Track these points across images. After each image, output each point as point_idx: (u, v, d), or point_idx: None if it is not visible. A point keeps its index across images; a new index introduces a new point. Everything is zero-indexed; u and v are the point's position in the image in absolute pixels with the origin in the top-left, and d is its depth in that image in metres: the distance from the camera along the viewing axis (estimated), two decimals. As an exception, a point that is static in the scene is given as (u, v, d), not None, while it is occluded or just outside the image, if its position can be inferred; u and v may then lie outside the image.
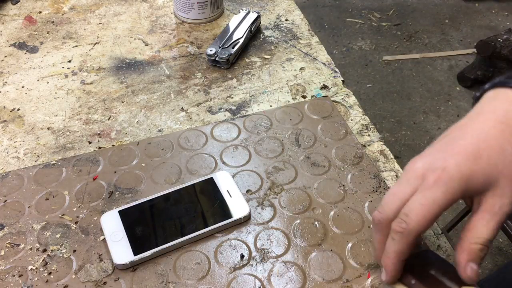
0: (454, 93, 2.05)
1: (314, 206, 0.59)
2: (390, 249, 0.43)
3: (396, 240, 0.42)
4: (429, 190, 0.41)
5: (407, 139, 1.86)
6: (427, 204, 0.40)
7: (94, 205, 0.59)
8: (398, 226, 0.42)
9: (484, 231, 0.40)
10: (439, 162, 0.41)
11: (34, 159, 0.64)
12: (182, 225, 0.55)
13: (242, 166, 0.63)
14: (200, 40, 0.83)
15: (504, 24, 2.39)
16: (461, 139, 0.42)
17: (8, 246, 0.54)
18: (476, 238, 0.40)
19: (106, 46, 0.82)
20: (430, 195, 0.40)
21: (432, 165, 0.42)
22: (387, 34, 2.36)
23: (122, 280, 0.52)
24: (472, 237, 0.41)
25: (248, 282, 0.52)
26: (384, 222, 0.43)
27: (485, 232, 0.40)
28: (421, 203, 0.41)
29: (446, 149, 0.42)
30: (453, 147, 0.42)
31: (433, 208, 0.40)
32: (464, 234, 0.41)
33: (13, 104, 0.72)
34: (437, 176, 0.41)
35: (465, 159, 0.41)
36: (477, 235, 0.40)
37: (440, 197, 0.40)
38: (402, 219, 0.41)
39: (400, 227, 0.41)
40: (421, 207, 0.41)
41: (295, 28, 0.86)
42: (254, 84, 0.75)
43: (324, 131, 0.68)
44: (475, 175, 0.40)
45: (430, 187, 0.41)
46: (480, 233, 0.40)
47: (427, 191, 0.41)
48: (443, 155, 0.42)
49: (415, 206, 0.41)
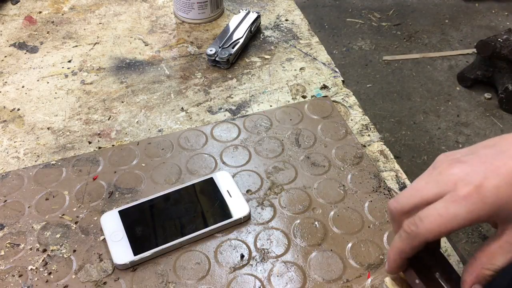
0: (454, 93, 2.05)
1: (314, 206, 0.59)
2: (395, 243, 0.42)
3: (401, 238, 0.41)
4: (454, 203, 0.38)
5: (407, 139, 1.86)
6: (446, 217, 0.38)
7: (94, 205, 0.59)
8: (408, 226, 0.40)
9: (501, 261, 0.39)
10: (478, 177, 0.38)
11: (34, 159, 0.64)
12: (182, 225, 0.55)
13: (242, 166, 0.63)
14: (200, 40, 0.83)
15: (504, 24, 2.39)
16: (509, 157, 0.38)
17: (8, 246, 0.54)
18: (490, 265, 0.39)
19: (106, 46, 0.82)
20: (454, 209, 0.38)
21: (469, 176, 0.38)
22: (387, 34, 2.36)
23: (122, 280, 0.52)
24: (486, 263, 0.39)
25: (248, 282, 0.52)
26: (396, 214, 0.42)
27: (501, 262, 0.39)
28: (440, 214, 0.38)
29: (491, 163, 0.38)
30: (498, 164, 0.38)
31: (451, 223, 0.38)
32: (479, 256, 0.40)
33: (13, 104, 0.72)
34: (469, 191, 0.37)
35: (508, 183, 0.37)
36: (492, 262, 0.39)
37: (463, 215, 0.37)
38: (415, 221, 0.40)
39: (409, 228, 0.40)
40: (439, 218, 0.38)
41: (295, 28, 0.86)
42: (254, 84, 0.75)
43: (324, 131, 0.68)
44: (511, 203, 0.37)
45: (457, 200, 0.38)
46: (496, 261, 0.39)
47: (452, 204, 0.38)
48: (484, 169, 0.38)
49: (432, 214, 0.39)
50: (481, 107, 1.99)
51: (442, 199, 0.39)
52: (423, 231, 0.39)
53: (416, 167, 1.74)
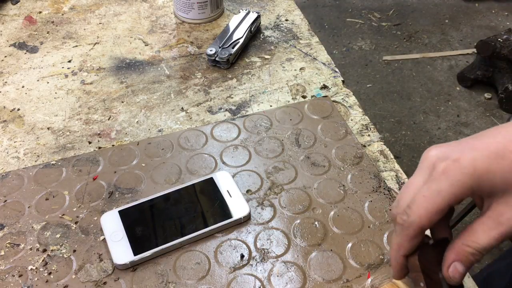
0: (454, 93, 2.05)
1: (314, 206, 0.59)
2: (393, 241, 0.41)
3: (397, 233, 0.40)
4: (435, 181, 0.38)
5: (407, 139, 1.86)
6: (429, 196, 0.37)
7: (94, 205, 0.59)
8: (399, 218, 0.40)
9: (482, 238, 0.37)
10: (454, 153, 0.38)
11: (34, 159, 0.64)
12: (182, 225, 0.55)
13: (242, 166, 0.63)
14: (200, 40, 0.83)
15: (504, 24, 2.39)
16: (488, 137, 0.38)
17: (8, 246, 0.54)
18: (471, 242, 0.38)
19: (106, 46, 0.82)
20: (435, 186, 0.37)
21: (445, 154, 0.38)
22: (387, 34, 2.36)
23: (122, 280, 0.52)
24: (467, 239, 0.38)
25: (248, 282, 0.52)
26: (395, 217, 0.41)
27: (483, 239, 0.37)
28: (424, 195, 0.38)
29: (468, 142, 0.39)
30: (475, 142, 0.38)
31: (437, 200, 0.37)
32: (462, 233, 0.39)
33: (13, 104, 0.72)
34: (446, 166, 0.37)
35: (485, 156, 0.37)
36: (473, 239, 0.38)
37: (446, 189, 0.37)
38: (405, 211, 0.39)
39: (401, 219, 0.39)
40: (423, 199, 0.38)
41: (295, 28, 0.86)
42: (254, 84, 0.75)
43: (324, 131, 0.68)
44: (491, 175, 0.36)
45: (437, 177, 0.38)
46: (477, 239, 0.38)
47: (433, 182, 0.38)
48: (461, 147, 0.38)
49: (418, 198, 0.38)
50: (481, 107, 1.99)
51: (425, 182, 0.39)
52: (414, 217, 0.38)
53: (416, 167, 1.74)
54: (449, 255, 0.39)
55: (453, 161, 0.37)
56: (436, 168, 0.38)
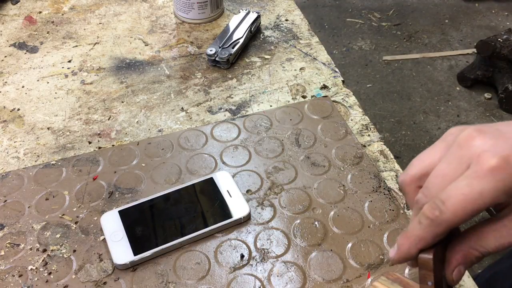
0: (454, 93, 2.05)
1: (314, 206, 0.59)
2: (413, 231, 0.37)
3: (422, 225, 0.36)
4: (479, 179, 0.33)
5: (407, 139, 1.86)
6: (470, 196, 0.33)
7: (94, 205, 0.59)
8: (430, 211, 0.35)
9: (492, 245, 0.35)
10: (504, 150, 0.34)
11: (34, 159, 0.64)
12: (182, 225, 0.55)
13: (242, 166, 0.63)
14: (200, 40, 0.83)
15: (504, 24, 2.39)
16: None
17: (8, 246, 0.54)
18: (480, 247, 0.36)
19: (106, 46, 0.82)
20: (478, 185, 0.33)
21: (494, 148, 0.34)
22: (387, 34, 2.36)
23: (122, 280, 0.52)
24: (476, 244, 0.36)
25: (248, 282, 0.52)
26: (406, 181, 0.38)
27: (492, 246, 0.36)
28: (464, 193, 0.34)
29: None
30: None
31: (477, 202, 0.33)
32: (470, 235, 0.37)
33: (13, 104, 0.72)
34: (497, 163, 0.33)
35: None
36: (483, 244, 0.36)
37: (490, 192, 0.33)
38: (437, 205, 0.35)
39: (432, 214, 0.35)
40: (462, 197, 0.34)
41: (295, 28, 0.86)
42: (254, 84, 0.75)
43: (324, 131, 0.68)
44: None
45: (481, 176, 0.33)
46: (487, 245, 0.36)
47: (476, 180, 0.34)
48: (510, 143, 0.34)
49: (456, 195, 0.34)
50: (481, 107, 1.99)
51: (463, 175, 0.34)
52: (448, 215, 0.34)
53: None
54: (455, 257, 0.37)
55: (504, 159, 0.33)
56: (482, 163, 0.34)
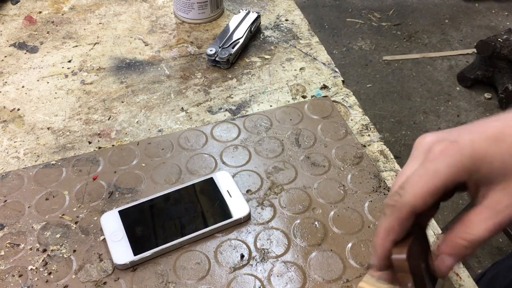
0: (454, 93, 2.05)
1: (314, 206, 0.59)
2: (380, 226, 0.38)
3: (387, 215, 0.37)
4: (431, 161, 0.36)
5: (407, 139, 1.86)
6: (426, 175, 0.35)
7: (94, 205, 0.59)
8: (391, 199, 0.37)
9: (479, 229, 0.35)
10: (452, 136, 0.36)
11: (34, 159, 0.64)
12: (182, 225, 0.55)
13: (242, 166, 0.63)
14: (200, 40, 0.83)
15: (504, 24, 2.39)
16: (486, 123, 0.37)
17: (8, 246, 0.54)
18: (466, 234, 0.36)
19: (106, 46, 0.82)
20: (432, 166, 0.36)
21: (442, 137, 0.37)
22: (387, 34, 2.36)
23: (122, 280, 0.52)
24: (462, 231, 0.36)
25: (248, 282, 0.52)
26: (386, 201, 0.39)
27: (479, 230, 0.35)
28: (420, 174, 0.36)
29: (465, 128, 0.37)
30: (473, 127, 0.37)
31: (433, 180, 0.35)
32: (456, 225, 0.36)
33: (13, 104, 0.72)
34: (444, 147, 0.36)
35: (483, 139, 0.35)
36: (469, 230, 0.35)
37: (443, 169, 0.35)
38: (396, 191, 0.37)
39: (392, 200, 0.37)
40: (419, 178, 0.36)
41: (295, 28, 0.86)
42: (254, 84, 0.75)
43: (324, 131, 0.68)
44: (489, 158, 0.35)
45: (433, 158, 0.36)
46: (473, 230, 0.35)
47: (429, 162, 0.36)
48: (458, 132, 0.37)
49: (413, 178, 0.36)
50: (481, 107, 1.99)
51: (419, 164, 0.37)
52: (408, 197, 0.36)
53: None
54: (442, 248, 0.37)
55: (451, 142, 0.36)
56: (432, 150, 0.37)
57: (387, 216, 0.37)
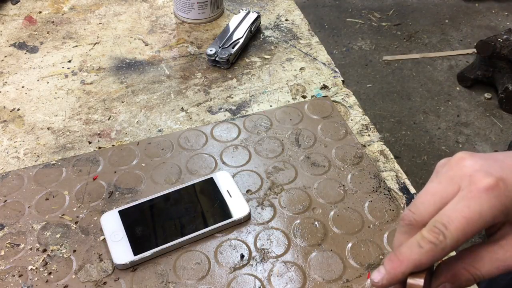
0: (454, 93, 2.05)
1: (314, 206, 0.59)
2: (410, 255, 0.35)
3: (423, 250, 0.34)
4: (475, 198, 0.33)
5: (407, 139, 1.86)
6: (470, 218, 0.33)
7: (94, 205, 0.59)
8: (434, 236, 0.34)
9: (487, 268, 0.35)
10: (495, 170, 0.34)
11: (34, 159, 0.64)
12: (182, 225, 0.55)
13: (242, 166, 0.63)
14: (200, 40, 0.83)
15: (504, 24, 2.39)
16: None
17: (8, 246, 0.54)
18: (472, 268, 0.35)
19: (106, 46, 0.82)
20: (476, 206, 0.33)
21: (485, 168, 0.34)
22: (387, 34, 2.36)
23: (122, 280, 0.52)
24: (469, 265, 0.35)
25: (248, 282, 0.52)
26: (416, 224, 0.36)
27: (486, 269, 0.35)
28: (464, 216, 0.33)
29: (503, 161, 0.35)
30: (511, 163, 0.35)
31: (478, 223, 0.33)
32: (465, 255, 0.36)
33: (13, 104, 0.72)
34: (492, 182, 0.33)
35: None
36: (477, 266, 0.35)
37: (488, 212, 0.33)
38: (439, 229, 0.34)
39: (436, 238, 0.34)
40: (464, 220, 0.33)
41: (295, 28, 0.86)
42: (254, 84, 0.75)
43: (324, 131, 0.68)
44: None
45: (478, 195, 0.33)
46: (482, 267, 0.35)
47: (473, 200, 0.33)
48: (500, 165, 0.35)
49: (456, 218, 0.33)
50: (481, 107, 1.99)
51: (458, 196, 0.34)
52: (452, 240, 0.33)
53: (416, 167, 1.74)
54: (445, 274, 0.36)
55: (497, 179, 0.34)
56: (475, 182, 0.34)
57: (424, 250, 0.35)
